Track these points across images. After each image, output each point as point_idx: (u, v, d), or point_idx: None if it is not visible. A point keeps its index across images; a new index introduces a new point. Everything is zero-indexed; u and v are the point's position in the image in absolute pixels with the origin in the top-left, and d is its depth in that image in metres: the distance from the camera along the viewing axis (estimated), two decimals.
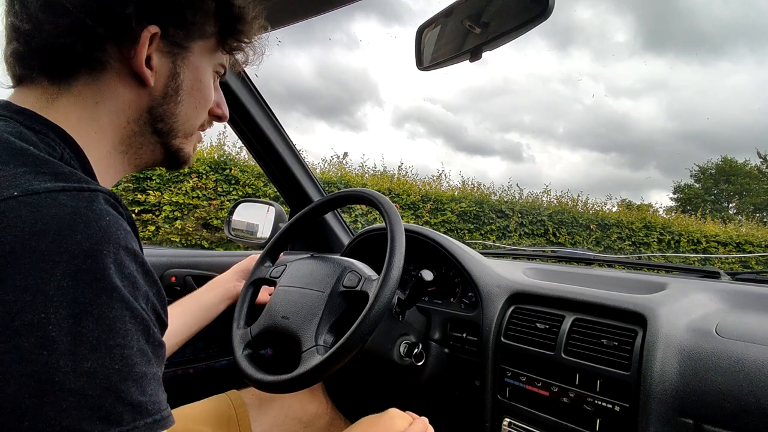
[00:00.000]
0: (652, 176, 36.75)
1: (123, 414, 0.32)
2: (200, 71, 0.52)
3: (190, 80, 0.51)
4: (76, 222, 0.33)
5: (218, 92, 0.58)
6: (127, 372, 0.33)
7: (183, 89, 0.51)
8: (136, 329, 0.34)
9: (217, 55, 0.54)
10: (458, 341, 0.93)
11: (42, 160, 0.37)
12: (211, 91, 0.55)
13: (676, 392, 0.64)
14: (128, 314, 0.34)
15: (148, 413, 0.33)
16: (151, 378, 0.35)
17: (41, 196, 0.33)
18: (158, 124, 0.51)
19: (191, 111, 0.53)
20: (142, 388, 0.34)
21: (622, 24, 47.02)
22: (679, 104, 43.16)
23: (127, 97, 0.48)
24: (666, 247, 7.39)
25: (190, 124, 0.54)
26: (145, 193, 5.42)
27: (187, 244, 5.59)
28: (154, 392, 0.35)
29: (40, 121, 0.43)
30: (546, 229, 7.10)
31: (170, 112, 0.51)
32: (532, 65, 52.79)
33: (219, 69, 0.56)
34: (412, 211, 6.59)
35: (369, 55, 51.32)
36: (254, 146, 1.28)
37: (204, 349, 1.16)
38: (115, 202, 0.38)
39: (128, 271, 0.35)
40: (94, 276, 0.32)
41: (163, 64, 0.48)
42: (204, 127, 0.58)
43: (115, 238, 0.35)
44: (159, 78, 0.48)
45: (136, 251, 0.37)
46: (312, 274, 0.84)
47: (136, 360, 0.34)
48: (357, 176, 7.05)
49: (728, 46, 42.37)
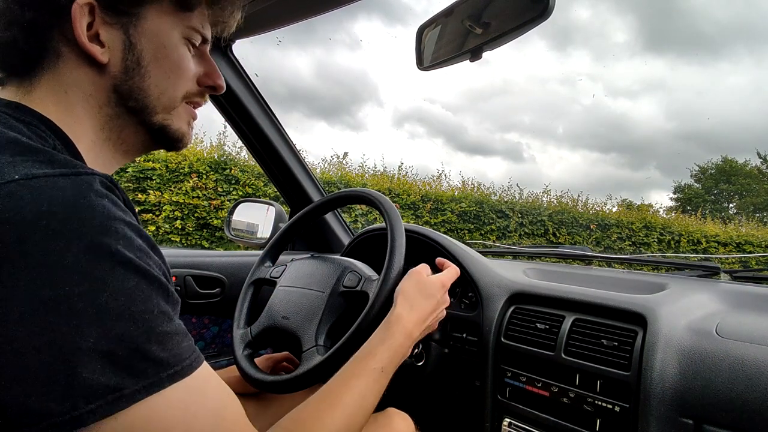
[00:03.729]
0: (652, 176, 36.81)
1: (148, 369, 0.35)
2: (162, 37, 0.48)
3: (151, 49, 0.47)
4: (80, 203, 0.35)
5: (208, 61, 0.55)
6: (150, 333, 0.36)
7: (145, 60, 0.47)
8: (156, 294, 0.37)
9: (180, 17, 0.49)
10: (458, 341, 0.93)
11: (36, 149, 0.38)
12: (185, 59, 0.51)
13: (676, 392, 0.63)
14: (145, 282, 0.36)
15: (170, 365, 0.37)
16: (173, 334, 0.38)
17: (41, 180, 0.34)
18: (130, 103, 0.48)
19: (163, 82, 0.49)
20: (164, 345, 0.37)
21: (622, 24, 47.02)
22: (679, 104, 43.18)
23: (88, 80, 0.46)
24: (666, 247, 7.39)
25: (166, 97, 0.50)
26: (145, 193, 5.42)
27: (187, 244, 5.59)
28: (175, 346, 0.38)
29: (28, 112, 0.43)
30: (546, 229, 7.09)
31: (137, 86, 0.47)
32: (533, 65, 52.78)
33: (191, 35, 0.51)
34: (412, 211, 6.59)
35: (370, 55, 51.34)
36: (254, 146, 1.28)
37: (204, 349, 1.16)
38: (111, 185, 0.39)
39: (137, 243, 0.37)
40: (108, 250, 0.34)
41: (114, 38, 0.45)
42: (193, 99, 0.54)
43: (119, 215, 0.37)
44: (114, 53, 0.45)
45: (140, 228, 0.39)
46: (312, 274, 0.84)
47: (158, 322, 0.37)
48: (357, 176, 7.04)
49: (728, 47, 42.38)
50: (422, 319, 0.69)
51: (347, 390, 0.56)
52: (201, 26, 0.52)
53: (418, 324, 0.68)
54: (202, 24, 0.52)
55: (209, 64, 0.55)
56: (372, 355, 0.62)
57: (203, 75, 0.54)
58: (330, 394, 0.56)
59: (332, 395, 0.55)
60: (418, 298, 0.70)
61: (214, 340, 1.17)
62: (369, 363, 0.61)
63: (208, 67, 0.54)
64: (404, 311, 0.68)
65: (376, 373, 0.60)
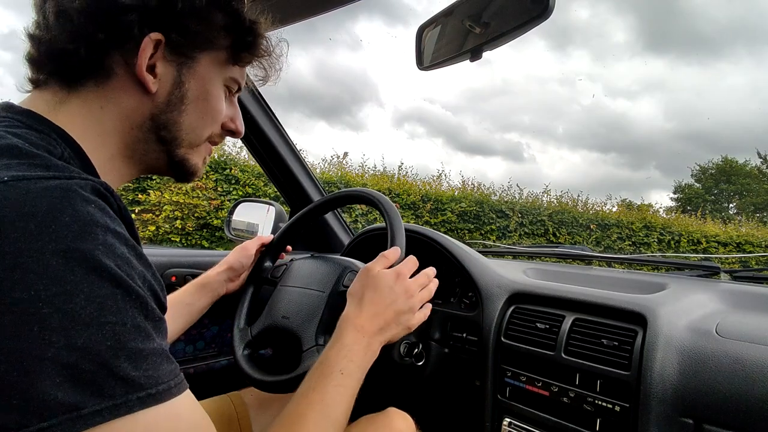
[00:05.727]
0: (652, 176, 36.82)
1: (115, 388, 0.32)
2: (208, 82, 0.52)
3: (195, 90, 0.51)
4: (64, 206, 0.34)
5: (234, 107, 0.59)
6: (120, 348, 0.33)
7: (188, 98, 0.51)
8: (131, 306, 0.35)
9: (228, 69, 0.54)
10: (458, 341, 0.93)
11: (35, 154, 0.38)
12: (220, 104, 0.55)
13: (677, 392, 0.64)
14: (120, 292, 0.34)
15: (141, 387, 0.34)
16: (149, 353, 0.35)
17: (30, 182, 0.34)
18: (162, 132, 0.51)
19: (196, 121, 0.53)
20: (136, 364, 0.34)
21: (622, 24, 47.03)
22: (679, 104, 43.20)
23: (130, 103, 0.48)
24: (666, 247, 7.39)
25: (195, 135, 0.53)
26: (145, 193, 5.42)
27: (187, 244, 5.59)
28: (150, 367, 0.35)
29: (43, 122, 0.44)
30: (546, 229, 7.09)
31: (173, 120, 0.51)
32: (532, 65, 52.77)
33: (230, 83, 0.55)
34: (412, 211, 6.59)
35: (371, 55, 51.33)
36: (254, 146, 1.28)
37: (204, 349, 1.16)
38: (105, 192, 0.39)
39: (119, 251, 0.36)
40: (83, 255, 0.33)
41: (167, 72, 0.49)
42: (215, 141, 0.58)
43: (104, 222, 0.36)
44: (163, 85, 0.49)
45: (126, 236, 0.38)
46: (312, 274, 0.84)
47: (130, 336, 0.34)
48: (357, 176, 7.05)
49: (727, 48, 42.38)
50: (376, 313, 0.65)
51: (308, 404, 0.54)
52: (240, 77, 0.57)
53: (371, 318, 0.65)
54: (241, 75, 0.57)
55: (236, 110, 0.59)
56: (325, 363, 0.59)
57: (228, 119, 0.58)
58: (292, 414, 0.53)
59: (294, 414, 0.53)
60: (368, 293, 0.67)
61: (214, 339, 1.17)
62: (323, 370, 0.58)
63: (234, 113, 0.59)
64: (351, 309, 0.66)
65: (334, 378, 0.57)
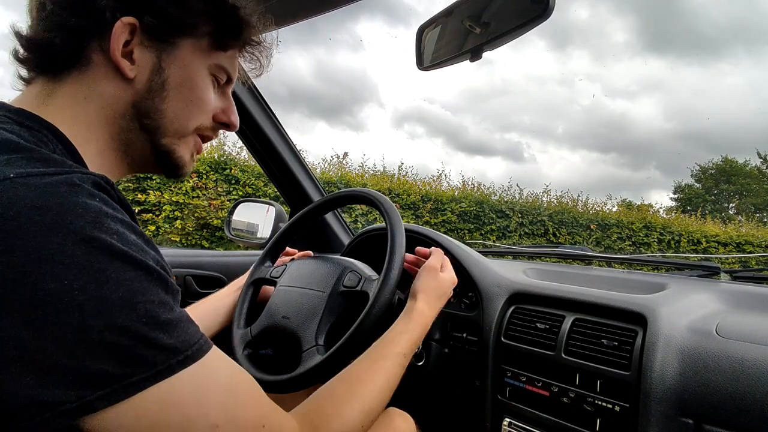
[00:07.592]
0: (652, 176, 36.81)
1: (157, 357, 0.36)
2: (191, 69, 0.51)
3: (177, 76, 0.50)
4: (73, 200, 0.35)
5: (227, 99, 0.58)
6: (154, 323, 0.36)
7: (169, 85, 0.50)
8: (155, 285, 0.38)
9: (212, 55, 0.53)
10: (458, 341, 0.93)
11: (32, 149, 0.39)
12: (207, 93, 0.54)
13: (677, 392, 0.64)
14: (143, 273, 0.37)
15: (179, 351, 0.38)
16: (177, 322, 0.39)
17: (36, 177, 0.35)
18: (145, 120, 0.50)
19: (181, 109, 0.52)
20: (170, 333, 0.37)
21: (622, 24, 47.04)
22: (678, 104, 43.20)
23: (111, 90, 0.48)
24: (666, 247, 7.38)
25: (180, 123, 0.53)
26: (145, 193, 5.42)
27: (187, 244, 5.59)
28: (181, 333, 0.39)
29: (34, 119, 0.44)
30: (546, 229, 7.09)
31: (156, 107, 0.50)
32: (532, 66, 52.80)
33: (217, 72, 0.54)
34: (412, 211, 6.58)
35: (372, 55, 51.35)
36: (254, 146, 1.28)
37: None
38: (105, 185, 0.40)
39: (131, 239, 0.38)
40: (102, 243, 0.35)
41: (145, 58, 0.48)
42: (207, 135, 0.57)
43: (112, 212, 0.38)
44: (142, 71, 0.49)
45: (133, 225, 0.40)
46: (312, 274, 0.84)
47: (160, 311, 0.37)
48: (357, 176, 7.04)
49: (727, 48, 42.39)
50: (434, 317, 0.75)
51: (376, 369, 0.60)
52: (229, 66, 0.55)
53: (431, 320, 0.74)
54: (230, 64, 0.56)
55: (228, 102, 0.58)
56: (396, 342, 0.65)
57: (220, 111, 0.57)
58: (360, 373, 0.59)
59: (362, 373, 0.59)
60: (434, 297, 0.75)
61: (214, 340, 1.17)
62: (393, 348, 0.64)
63: (227, 105, 0.58)
64: (425, 308, 0.73)
65: (399, 357, 0.64)
